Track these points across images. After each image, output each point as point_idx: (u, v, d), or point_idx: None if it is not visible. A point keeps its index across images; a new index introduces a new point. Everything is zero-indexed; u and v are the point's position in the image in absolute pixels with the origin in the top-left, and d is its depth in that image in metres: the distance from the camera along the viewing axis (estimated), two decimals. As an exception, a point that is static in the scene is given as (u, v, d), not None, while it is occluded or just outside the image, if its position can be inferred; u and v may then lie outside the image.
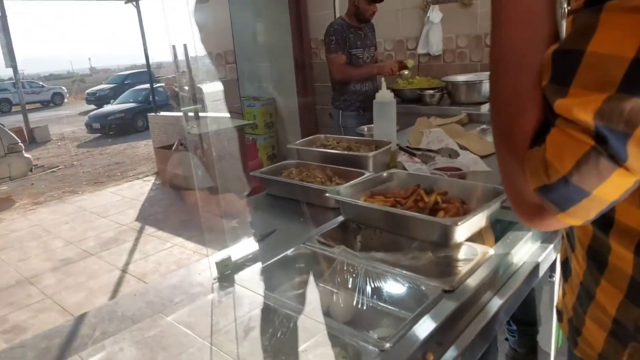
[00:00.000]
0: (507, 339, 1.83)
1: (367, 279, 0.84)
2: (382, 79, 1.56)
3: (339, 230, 1.07)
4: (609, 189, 0.39)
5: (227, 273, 0.92)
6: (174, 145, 4.65)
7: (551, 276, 1.03)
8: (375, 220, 1.04)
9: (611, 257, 0.52)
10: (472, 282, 0.80)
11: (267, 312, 0.80)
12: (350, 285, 0.86)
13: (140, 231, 3.82)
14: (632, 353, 0.52)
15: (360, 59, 2.77)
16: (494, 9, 0.45)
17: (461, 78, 2.78)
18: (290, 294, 0.87)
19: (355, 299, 0.83)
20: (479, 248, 0.92)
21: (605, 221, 0.51)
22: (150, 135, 5.98)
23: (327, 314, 0.81)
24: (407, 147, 1.65)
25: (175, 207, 4.37)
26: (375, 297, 0.83)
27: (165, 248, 3.43)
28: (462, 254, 0.91)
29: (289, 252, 0.96)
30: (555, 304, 1.09)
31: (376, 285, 0.84)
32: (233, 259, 0.94)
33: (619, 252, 0.51)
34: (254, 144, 3.66)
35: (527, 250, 0.96)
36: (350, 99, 2.80)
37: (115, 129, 9.78)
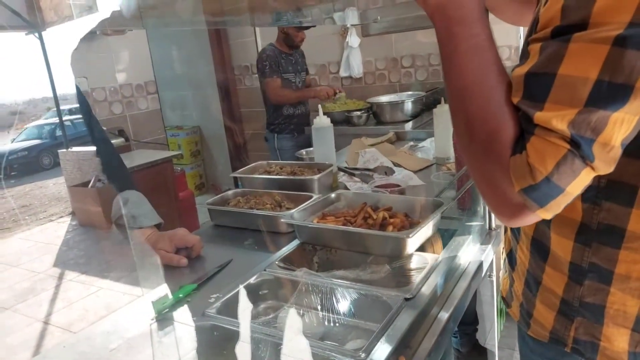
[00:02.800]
0: (450, 341, 1.96)
1: (333, 296, 0.88)
2: (320, 105, 1.64)
3: (296, 253, 1.10)
4: (577, 185, 0.47)
5: (165, 312, 0.88)
6: (91, 182, 4.34)
7: (490, 275, 1.14)
8: (331, 239, 1.09)
9: (552, 246, 0.62)
10: (428, 287, 0.88)
11: (237, 341, 0.80)
12: (318, 305, 0.89)
13: (61, 277, 3.49)
14: (578, 326, 0.62)
15: (292, 84, 2.88)
16: (444, 47, 0.52)
17: (384, 99, 2.97)
18: (260, 320, 0.88)
19: (325, 316, 0.86)
20: (429, 256, 1.00)
21: None
22: (60, 173, 5.51)
23: (300, 334, 0.83)
24: (346, 167, 1.73)
25: (98, 248, 4.06)
26: (343, 313, 0.87)
27: (91, 293, 3.17)
28: (414, 263, 0.99)
29: (252, 279, 0.97)
30: (496, 298, 1.21)
31: (342, 301, 0.88)
32: (173, 295, 0.90)
33: (559, 241, 0.61)
34: (182, 175, 3.56)
35: (469, 253, 1.07)
36: (284, 122, 2.88)
37: (18, 169, 8.86)
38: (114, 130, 3.37)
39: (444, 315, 0.84)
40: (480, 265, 1.03)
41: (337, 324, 0.85)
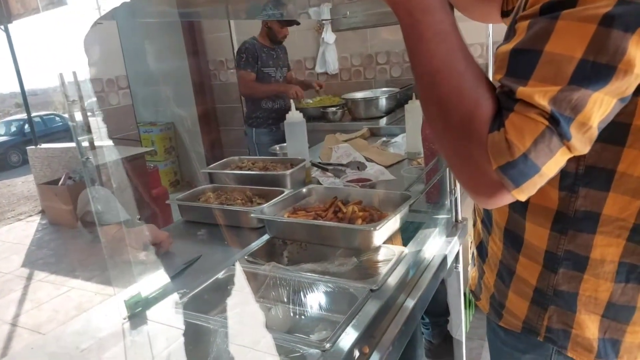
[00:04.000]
0: (422, 333, 1.99)
1: (300, 289, 0.89)
2: (292, 101, 1.64)
3: (265, 248, 1.11)
4: (552, 165, 0.47)
5: (138, 310, 0.86)
6: (61, 180, 4.23)
7: (456, 267, 1.17)
8: (301, 234, 1.09)
9: (526, 235, 0.63)
10: (394, 279, 0.89)
11: (206, 335, 0.80)
12: (285, 298, 0.89)
13: (30, 278, 3.39)
14: (552, 315, 0.63)
15: (272, 78, 2.87)
16: (410, 35, 0.51)
17: (359, 95, 2.99)
18: (227, 314, 0.87)
19: (291, 309, 0.87)
20: (396, 248, 1.02)
21: (522, 204, 0.61)
22: (29, 171, 5.34)
23: (266, 327, 0.84)
24: (319, 162, 1.74)
25: (69, 246, 3.96)
26: (309, 305, 0.88)
27: (61, 293, 3.08)
28: (381, 255, 1.00)
29: (220, 275, 0.96)
30: (463, 289, 1.24)
31: (309, 294, 0.89)
32: (145, 293, 0.88)
33: (534, 230, 0.62)
34: (156, 171, 3.50)
35: (435, 245, 1.09)
36: (263, 116, 2.87)
37: (-17, 166, 8.53)
38: (83, 126, 3.28)
39: (409, 305, 0.86)
40: (446, 257, 1.06)
41: (304, 317, 0.85)
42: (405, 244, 1.06)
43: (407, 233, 1.13)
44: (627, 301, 0.59)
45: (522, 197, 0.50)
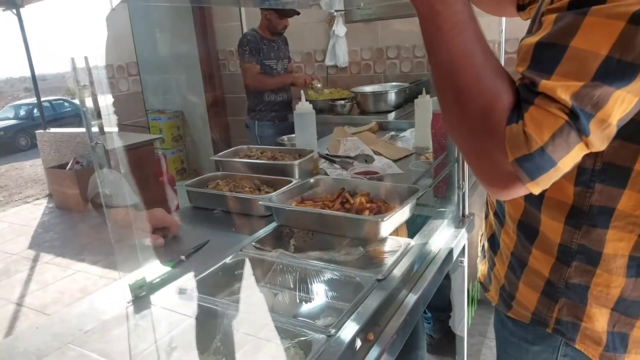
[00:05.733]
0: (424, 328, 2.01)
1: (307, 277, 0.90)
2: (302, 91, 1.64)
3: (273, 235, 1.12)
4: (568, 160, 0.47)
5: (142, 295, 0.87)
6: (69, 164, 4.26)
7: (461, 261, 1.18)
8: (308, 222, 1.10)
9: (542, 228, 0.63)
10: (399, 270, 0.90)
11: (212, 318, 0.81)
12: (291, 284, 0.90)
13: (36, 260, 3.43)
14: (562, 307, 0.64)
15: (274, 70, 2.86)
16: (428, 26, 0.51)
17: (368, 89, 2.99)
18: (234, 297, 0.89)
19: (298, 295, 0.88)
20: (402, 240, 1.03)
21: (537, 197, 0.62)
22: (37, 155, 5.38)
23: (272, 311, 0.85)
24: (327, 154, 1.75)
25: (75, 230, 4.00)
26: (316, 292, 0.89)
27: (66, 275, 3.12)
28: (388, 246, 1.01)
29: (227, 259, 0.97)
30: (467, 285, 1.24)
31: (315, 281, 0.90)
32: (150, 278, 0.90)
33: (549, 223, 0.62)
34: (163, 158, 3.52)
35: (442, 238, 1.10)
36: (266, 109, 2.87)
37: (-7, 149, 8.60)
38: (93, 112, 3.30)
39: (413, 297, 0.87)
40: (452, 251, 1.06)
41: (310, 303, 0.86)
42: (411, 237, 1.07)
43: (414, 226, 1.14)
44: (637, 296, 0.60)
45: (537, 190, 0.50)
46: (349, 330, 0.72)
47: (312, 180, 1.27)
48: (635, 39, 0.43)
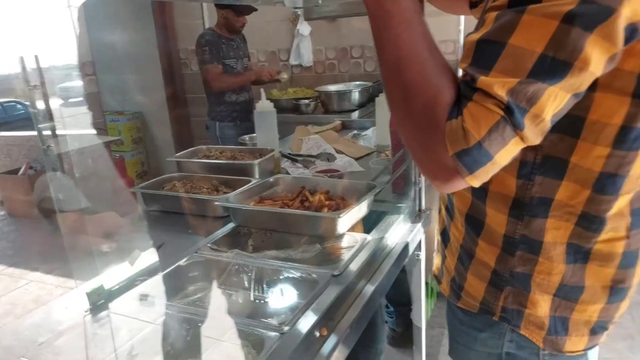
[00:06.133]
0: (386, 322, 2.04)
1: (262, 276, 0.90)
2: (262, 89, 1.63)
3: (230, 236, 1.10)
4: (504, 154, 0.49)
5: (100, 303, 0.84)
6: (22, 169, 4.06)
7: (418, 255, 1.20)
8: (266, 222, 1.10)
9: (487, 220, 0.66)
10: (355, 265, 0.91)
11: (166, 323, 0.80)
12: (247, 285, 0.90)
13: (-14, 271, 3.25)
14: (507, 295, 0.67)
15: (234, 69, 2.81)
16: (377, 22, 0.53)
17: (332, 88, 3.00)
18: (187, 300, 0.87)
19: (253, 295, 0.87)
20: (359, 236, 1.04)
21: (482, 191, 0.64)
22: (-14, 159, 5.10)
23: (227, 312, 0.84)
24: (289, 153, 1.74)
25: (28, 239, 3.81)
26: (271, 291, 0.88)
27: (19, 286, 2.96)
28: (345, 242, 1.02)
29: (182, 262, 0.96)
30: (425, 277, 1.27)
31: (271, 280, 0.89)
32: (108, 286, 0.87)
33: (494, 215, 0.65)
34: (122, 161, 3.42)
35: (398, 233, 1.12)
36: (227, 109, 2.82)
37: (-61, 153, 8.07)
38: (46, 113, 3.16)
39: (369, 290, 0.88)
40: (407, 245, 1.08)
41: (266, 302, 0.86)
42: (369, 232, 1.08)
43: (371, 221, 1.15)
44: (576, 282, 0.63)
45: (476, 183, 0.52)
46: (302, 326, 0.72)
47: (271, 179, 1.27)
48: (568, 38, 0.45)
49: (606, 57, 0.47)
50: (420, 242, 1.19)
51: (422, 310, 1.26)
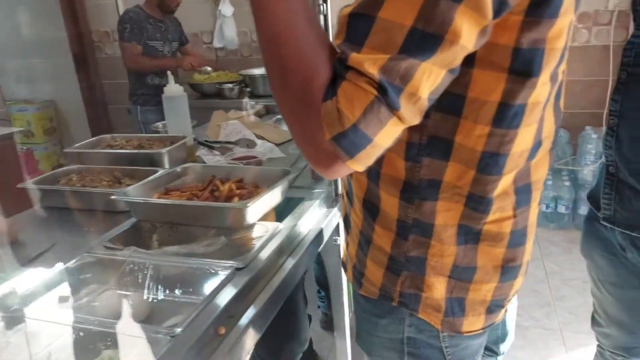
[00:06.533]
0: (319, 307, 2.03)
1: (160, 274, 0.82)
2: (169, 73, 1.51)
3: (131, 232, 1.01)
4: (384, 135, 0.46)
5: (14, 309, 0.76)
6: None
7: (335, 240, 1.18)
8: (170, 215, 1.02)
9: (382, 205, 0.63)
10: (263, 255, 0.87)
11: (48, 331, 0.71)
12: (143, 284, 0.82)
13: None
14: (404, 280, 0.65)
15: (159, 52, 2.64)
16: None
17: (258, 71, 2.90)
18: (76, 305, 0.78)
19: (151, 296, 0.80)
20: (270, 225, 0.99)
21: (376, 175, 0.62)
22: None
23: (119, 317, 0.76)
24: (206, 141, 1.65)
25: None
26: (169, 290, 0.82)
27: None
28: (255, 233, 0.97)
29: (70, 264, 0.86)
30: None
31: (169, 278, 0.82)
32: (21, 291, 0.78)
33: (387, 199, 0.62)
34: (30, 155, 3.10)
35: (313, 219, 1.09)
36: (149, 93, 2.65)
37: None
38: None
39: (277, 281, 0.84)
40: (321, 231, 1.05)
41: (163, 302, 0.79)
42: (283, 220, 1.04)
43: (288, 209, 1.11)
44: (468, 262, 0.63)
45: (359, 168, 0.49)
46: (197, 326, 0.67)
47: (178, 169, 1.18)
48: (436, 9, 0.43)
49: (477, 29, 0.45)
50: (338, 227, 1.17)
51: (344, 295, 1.25)
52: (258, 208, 0.98)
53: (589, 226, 1.02)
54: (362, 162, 0.48)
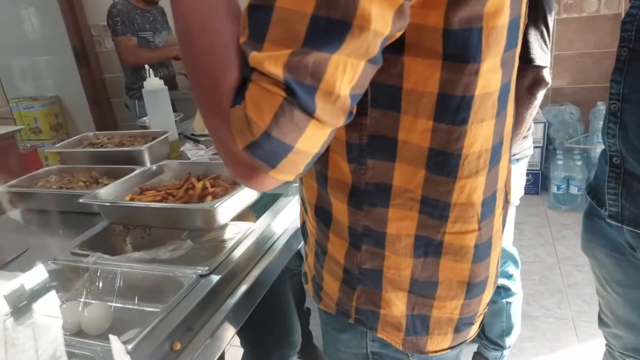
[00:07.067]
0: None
1: (122, 282, 0.79)
2: (147, 67, 1.46)
3: (103, 236, 0.98)
4: (308, 141, 0.40)
5: (22, 304, 0.76)
6: None
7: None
8: (140, 218, 0.98)
9: (333, 211, 0.57)
10: (231, 260, 0.82)
11: None
12: (105, 293, 0.79)
13: None
14: (360, 295, 0.58)
15: (151, 43, 2.59)
16: None
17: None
18: (28, 317, 0.75)
19: (112, 306, 0.76)
20: (243, 225, 0.94)
21: (324, 179, 0.55)
22: None
23: (78, 332, 0.73)
24: (192, 134, 1.61)
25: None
26: (131, 298, 0.78)
27: None
28: (226, 234, 0.92)
29: (32, 272, 0.82)
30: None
31: (133, 286, 0.79)
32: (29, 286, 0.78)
33: (337, 205, 0.56)
34: (33, 152, 3.12)
35: (290, 216, 1.03)
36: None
37: None
38: None
39: (244, 286, 0.79)
40: (298, 229, 1.00)
41: (122, 313, 0.76)
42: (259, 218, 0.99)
43: (265, 206, 1.06)
44: (428, 277, 0.56)
45: (288, 178, 0.43)
46: (150, 342, 0.63)
47: (154, 167, 1.14)
48: None
49: (391, 11, 0.38)
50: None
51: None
52: (229, 208, 0.93)
53: (590, 223, 0.93)
54: (287, 172, 0.42)
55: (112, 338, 0.58)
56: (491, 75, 0.47)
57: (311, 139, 0.40)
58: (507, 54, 0.47)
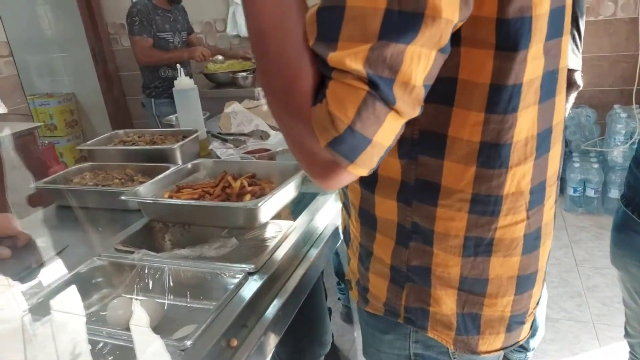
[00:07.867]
0: (339, 299, 2.00)
1: (171, 279, 0.80)
2: (179, 66, 1.48)
3: (143, 233, 0.99)
4: (384, 133, 0.42)
5: (40, 301, 0.77)
6: None
7: (353, 235, 1.14)
8: (180, 216, 0.99)
9: (380, 211, 0.58)
10: (277, 257, 0.83)
11: (57, 339, 0.69)
12: (154, 290, 0.80)
13: None
14: (409, 292, 0.59)
15: (170, 44, 2.61)
16: None
17: (271, 59, 2.84)
18: (88, 313, 0.76)
19: (161, 302, 0.77)
20: (284, 223, 0.95)
21: (371, 179, 0.56)
22: None
23: (127, 325, 0.74)
24: (219, 133, 1.62)
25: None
26: (181, 295, 0.79)
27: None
28: (267, 233, 0.93)
29: (80, 268, 0.84)
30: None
31: (181, 283, 0.80)
32: (45, 283, 0.79)
33: (385, 204, 0.57)
34: (51, 148, 3.14)
35: (329, 215, 1.04)
36: (162, 85, 2.63)
37: None
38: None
39: (292, 284, 0.80)
40: (337, 228, 1.01)
41: (174, 309, 0.77)
42: (297, 217, 1.00)
43: (302, 205, 1.07)
44: (478, 274, 0.56)
45: (363, 172, 0.44)
46: (208, 338, 0.64)
47: (189, 165, 1.15)
48: None
49: None
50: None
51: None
52: (270, 207, 0.94)
53: (621, 236, 0.92)
54: (365, 165, 0.43)
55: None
56: (535, 62, 0.48)
57: (388, 132, 0.42)
58: (551, 42, 0.49)
